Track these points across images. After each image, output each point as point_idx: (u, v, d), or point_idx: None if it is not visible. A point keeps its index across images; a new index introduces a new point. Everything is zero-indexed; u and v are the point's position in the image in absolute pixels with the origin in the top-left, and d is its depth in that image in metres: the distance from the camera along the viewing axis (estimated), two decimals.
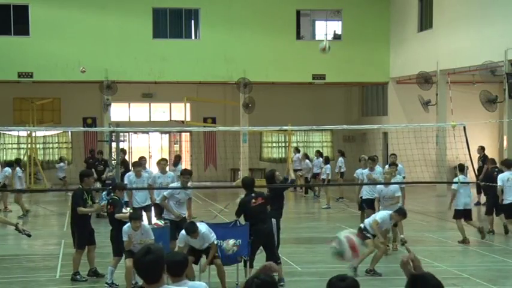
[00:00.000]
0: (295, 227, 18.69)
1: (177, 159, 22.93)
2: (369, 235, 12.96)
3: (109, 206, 12.35)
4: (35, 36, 29.66)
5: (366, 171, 17.50)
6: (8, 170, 21.28)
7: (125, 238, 11.32)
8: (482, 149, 24.35)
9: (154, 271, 4.74)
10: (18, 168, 21.89)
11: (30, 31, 29.78)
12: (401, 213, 13.35)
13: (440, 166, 25.46)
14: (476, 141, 23.28)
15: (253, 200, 12.02)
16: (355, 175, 18.48)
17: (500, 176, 16.88)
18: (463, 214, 16.39)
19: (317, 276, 12.85)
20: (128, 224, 11.40)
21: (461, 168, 16.65)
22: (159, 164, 16.73)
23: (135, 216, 11.53)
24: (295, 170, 28.89)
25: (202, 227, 11.29)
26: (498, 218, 17.56)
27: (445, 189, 24.70)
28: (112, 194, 12.65)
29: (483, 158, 23.67)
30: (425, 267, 13.86)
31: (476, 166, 23.40)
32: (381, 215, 13.47)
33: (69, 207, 15.47)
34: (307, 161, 27.76)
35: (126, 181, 16.01)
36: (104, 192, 20.27)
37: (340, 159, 25.95)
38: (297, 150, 30.55)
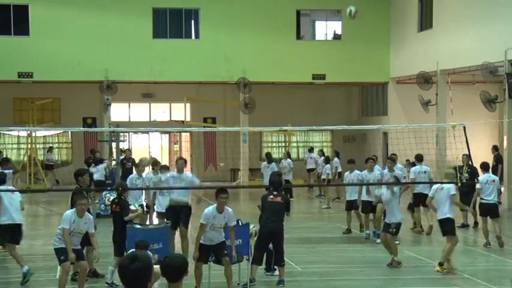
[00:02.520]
0: (295, 227, 18.68)
1: (270, 157, 23.49)
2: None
3: (114, 205, 12.36)
4: (35, 36, 29.66)
5: (376, 172, 17.46)
6: None
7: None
8: (495, 148, 24.58)
9: (139, 280, 4.47)
10: None
11: (30, 31, 29.78)
12: None
13: (440, 166, 25.43)
14: (476, 142, 23.29)
15: (271, 196, 12.03)
16: (359, 177, 17.89)
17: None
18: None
19: (317, 276, 12.86)
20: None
21: (486, 167, 16.86)
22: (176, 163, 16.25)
23: (142, 246, 10.72)
24: (309, 170, 28.89)
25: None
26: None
27: None
28: (119, 195, 12.62)
29: (496, 158, 23.91)
30: (425, 267, 13.89)
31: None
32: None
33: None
34: (288, 160, 27.02)
35: (148, 183, 15.68)
36: (104, 193, 20.34)
37: (336, 159, 25.92)
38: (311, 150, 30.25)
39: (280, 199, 12.07)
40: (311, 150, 30.11)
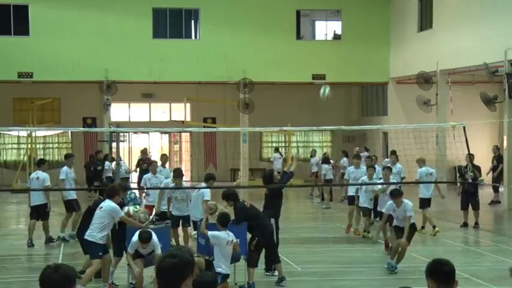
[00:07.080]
0: (295, 227, 18.69)
1: (328, 159, 24.57)
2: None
3: None
4: (35, 36, 29.66)
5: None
6: None
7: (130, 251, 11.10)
8: (497, 148, 24.65)
9: (172, 275, 4.32)
10: None
11: (30, 31, 29.79)
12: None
13: (440, 166, 25.43)
14: (476, 141, 23.28)
15: (246, 203, 12.15)
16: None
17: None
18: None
19: (317, 276, 12.86)
20: (137, 239, 11.07)
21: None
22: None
23: (143, 239, 10.92)
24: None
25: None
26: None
27: (445, 189, 24.67)
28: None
29: (497, 158, 23.98)
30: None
31: (490, 165, 24.37)
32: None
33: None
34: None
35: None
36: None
37: (344, 159, 25.95)
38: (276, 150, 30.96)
39: (249, 203, 12.21)
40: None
